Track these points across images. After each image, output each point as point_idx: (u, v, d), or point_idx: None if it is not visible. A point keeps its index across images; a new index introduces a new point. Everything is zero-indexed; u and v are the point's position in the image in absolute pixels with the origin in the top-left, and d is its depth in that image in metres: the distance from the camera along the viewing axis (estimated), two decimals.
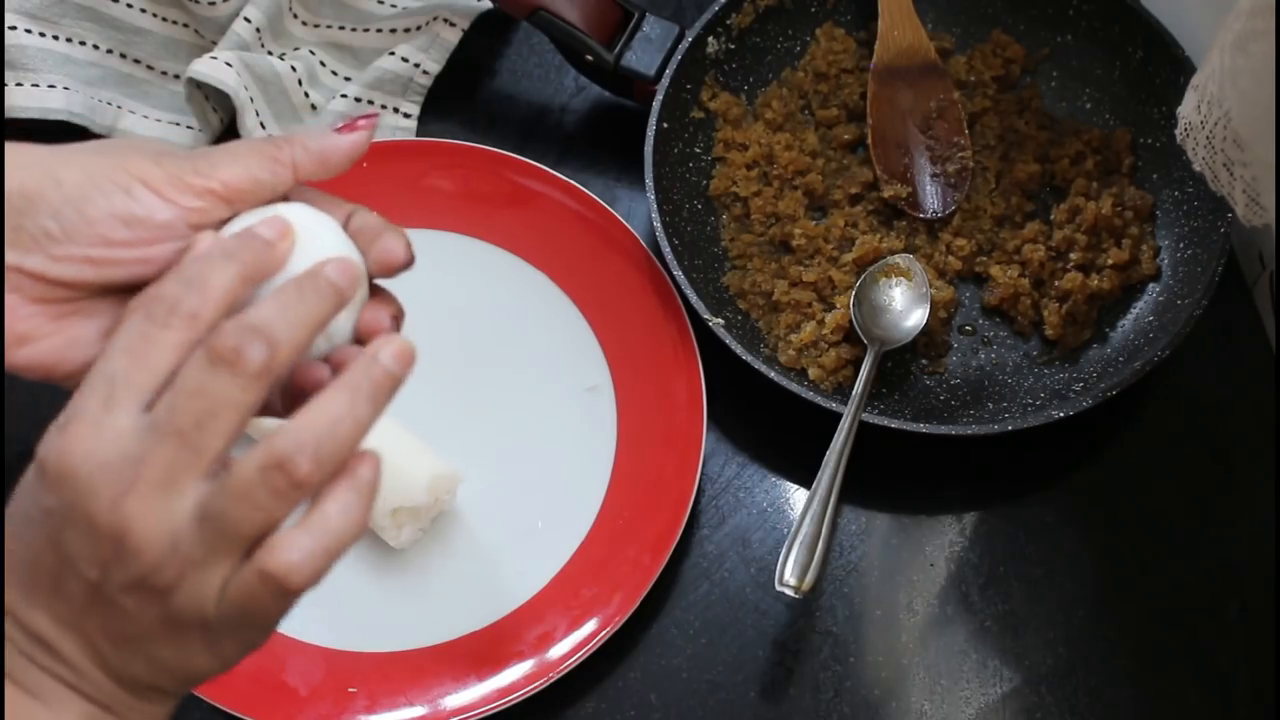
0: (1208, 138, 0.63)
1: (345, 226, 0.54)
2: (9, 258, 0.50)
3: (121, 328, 0.46)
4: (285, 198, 0.54)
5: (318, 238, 0.52)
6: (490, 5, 0.91)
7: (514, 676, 0.72)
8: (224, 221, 0.52)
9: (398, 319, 0.54)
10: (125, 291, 0.52)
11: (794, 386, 0.76)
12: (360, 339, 0.53)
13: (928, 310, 0.80)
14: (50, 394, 0.57)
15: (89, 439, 0.45)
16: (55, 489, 0.45)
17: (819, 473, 0.73)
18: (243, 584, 0.46)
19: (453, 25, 0.91)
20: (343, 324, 0.51)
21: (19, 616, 0.47)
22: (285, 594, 0.46)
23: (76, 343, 0.52)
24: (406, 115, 0.90)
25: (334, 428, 0.46)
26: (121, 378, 0.45)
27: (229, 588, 0.46)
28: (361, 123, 0.55)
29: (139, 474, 0.44)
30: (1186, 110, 0.64)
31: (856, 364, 0.80)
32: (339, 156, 0.54)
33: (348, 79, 0.91)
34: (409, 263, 0.54)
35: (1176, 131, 0.66)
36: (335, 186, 0.91)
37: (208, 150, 0.53)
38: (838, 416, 0.75)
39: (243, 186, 0.52)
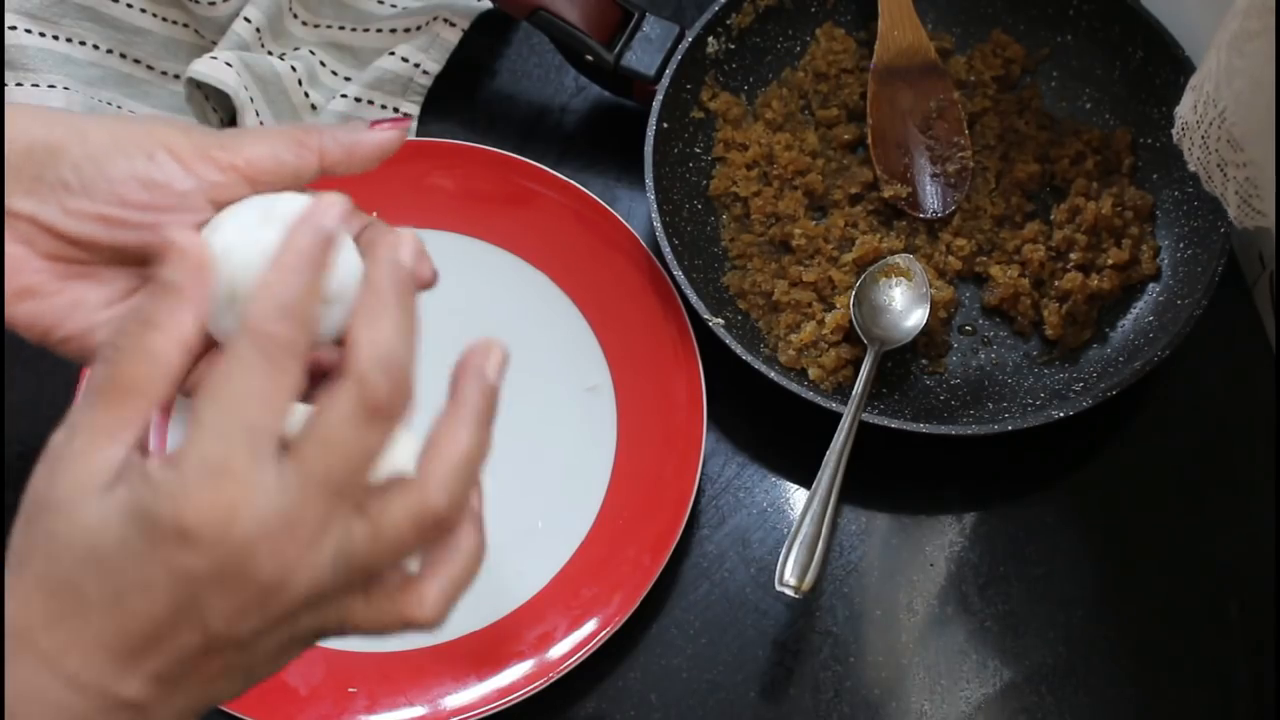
0: (1203, 138, 0.63)
1: (358, 239, 0.53)
2: (26, 207, 0.50)
3: (234, 362, 0.43)
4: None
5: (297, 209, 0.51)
6: (490, 5, 0.91)
7: (514, 676, 0.72)
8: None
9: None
10: (133, 263, 0.52)
11: (794, 386, 0.76)
12: None
13: (928, 310, 0.80)
14: (51, 394, 0.58)
15: (255, 499, 0.42)
16: (208, 552, 0.42)
17: (819, 473, 0.73)
18: (379, 619, 0.46)
19: (453, 25, 0.91)
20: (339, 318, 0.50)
21: (104, 688, 0.43)
22: (416, 630, 0.47)
23: (80, 305, 0.52)
24: (406, 115, 0.90)
25: (470, 468, 0.46)
26: (262, 428, 0.43)
27: (356, 618, 0.46)
28: (392, 123, 0.54)
29: (295, 530, 0.43)
30: (1184, 110, 0.64)
31: (856, 364, 0.80)
32: (367, 151, 0.54)
33: (348, 79, 0.91)
34: (431, 283, 0.54)
35: (1173, 131, 0.66)
36: (335, 185, 0.91)
37: (237, 130, 0.53)
38: (838, 416, 0.75)
39: (266, 166, 0.52)
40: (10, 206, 0.50)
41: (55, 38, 0.88)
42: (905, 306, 0.80)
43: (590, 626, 0.73)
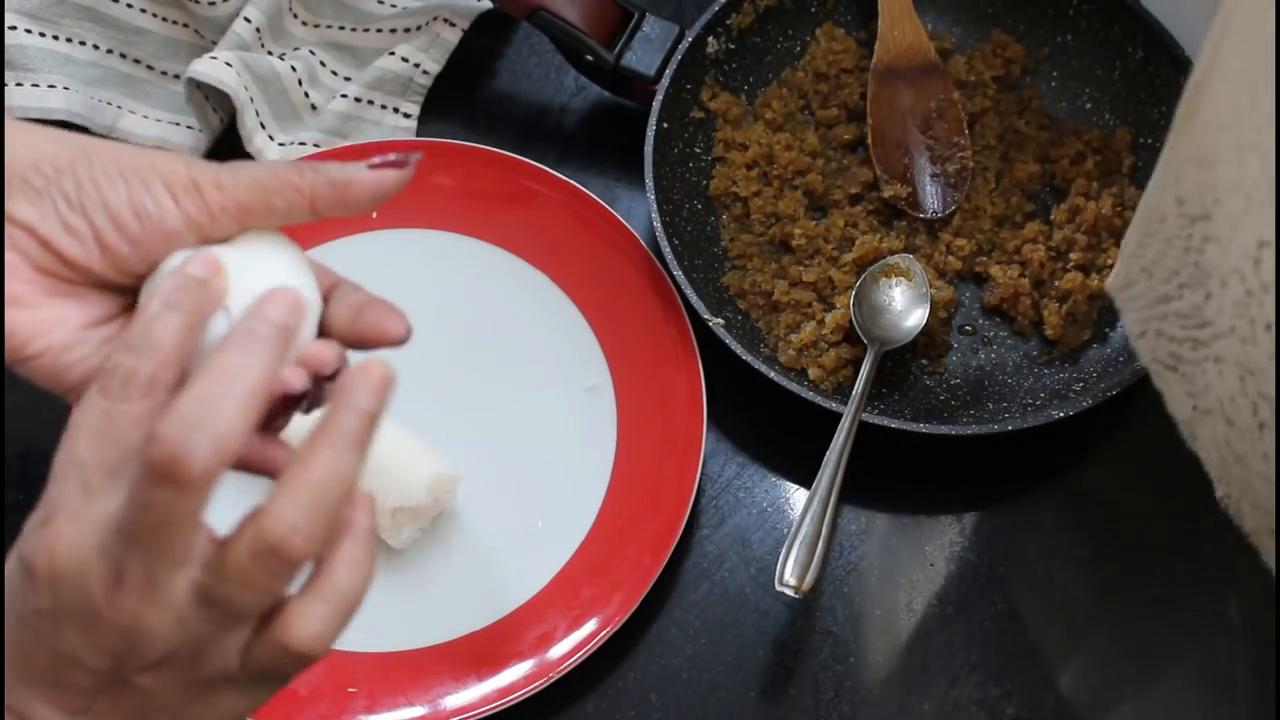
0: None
1: (326, 298, 0.53)
2: (28, 215, 0.50)
3: (81, 405, 0.45)
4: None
5: (264, 266, 0.51)
6: (490, 5, 0.91)
7: (514, 676, 0.72)
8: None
9: (399, 339, 0.53)
10: (121, 292, 0.53)
11: (794, 386, 0.76)
12: (360, 338, 0.53)
13: (928, 310, 0.80)
14: (51, 394, 0.57)
15: (73, 535, 0.44)
16: (48, 589, 0.44)
17: (819, 473, 0.73)
18: (264, 652, 0.46)
19: (453, 25, 0.91)
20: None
21: (26, 714, 0.46)
22: (308, 660, 0.47)
23: (61, 322, 0.52)
24: (406, 115, 0.90)
25: (322, 493, 0.44)
26: (92, 463, 0.44)
27: (251, 652, 0.46)
28: (391, 164, 0.53)
29: (123, 573, 0.44)
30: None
31: (856, 364, 0.80)
32: (361, 194, 0.53)
33: (348, 79, 0.91)
34: (404, 339, 0.53)
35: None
36: None
37: (235, 165, 0.52)
38: (838, 416, 0.75)
39: (255, 210, 0.52)
40: (12, 213, 0.51)
41: (55, 38, 0.88)
42: (905, 306, 0.80)
43: (590, 626, 0.73)
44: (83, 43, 0.89)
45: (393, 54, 0.90)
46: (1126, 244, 0.57)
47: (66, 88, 0.86)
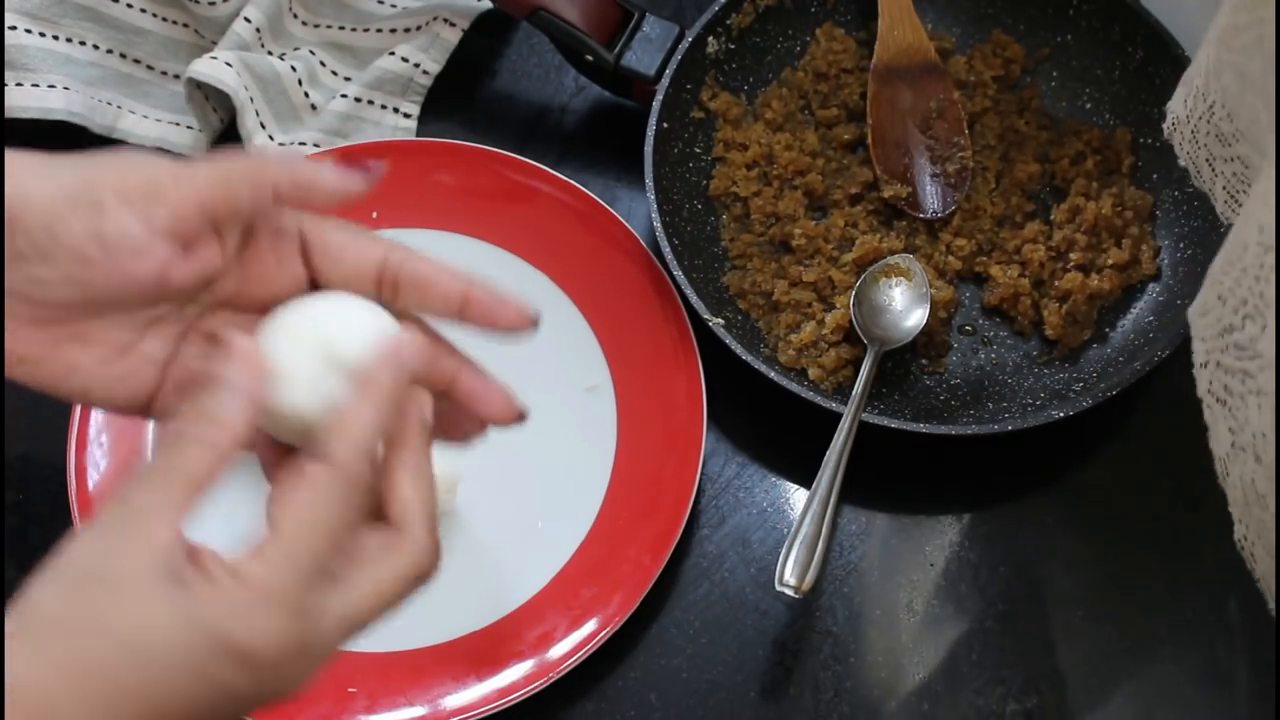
0: (1192, 132, 0.62)
1: (383, 275, 0.54)
2: None
3: (315, 492, 0.47)
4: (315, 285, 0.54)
5: (353, 315, 0.52)
6: (490, 5, 0.91)
7: (514, 676, 0.72)
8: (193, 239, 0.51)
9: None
10: (119, 309, 0.51)
11: (794, 386, 0.76)
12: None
13: (928, 310, 0.80)
14: (50, 395, 0.57)
15: (305, 632, 0.46)
16: (263, 674, 0.45)
17: (819, 473, 0.73)
18: (387, 581, 0.49)
19: (453, 25, 0.91)
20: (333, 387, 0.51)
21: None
22: (428, 572, 0.51)
23: (75, 369, 0.51)
24: (406, 115, 0.90)
25: (369, 431, 0.49)
26: (325, 561, 0.47)
27: (369, 596, 0.48)
28: (360, 165, 0.53)
29: (320, 648, 0.47)
30: (1175, 105, 0.64)
31: (856, 364, 0.80)
32: (325, 187, 0.52)
33: (348, 79, 0.91)
34: (531, 324, 0.56)
35: (1165, 125, 0.66)
36: None
37: (190, 162, 0.51)
38: (838, 416, 0.75)
39: (222, 206, 0.50)
40: None
41: (55, 38, 0.88)
42: (905, 306, 0.80)
43: (590, 626, 0.73)
44: (83, 43, 0.89)
45: (393, 54, 0.90)
46: (1212, 270, 0.58)
47: (66, 88, 0.86)
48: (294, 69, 0.89)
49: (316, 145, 0.88)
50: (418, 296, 0.54)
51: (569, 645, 0.73)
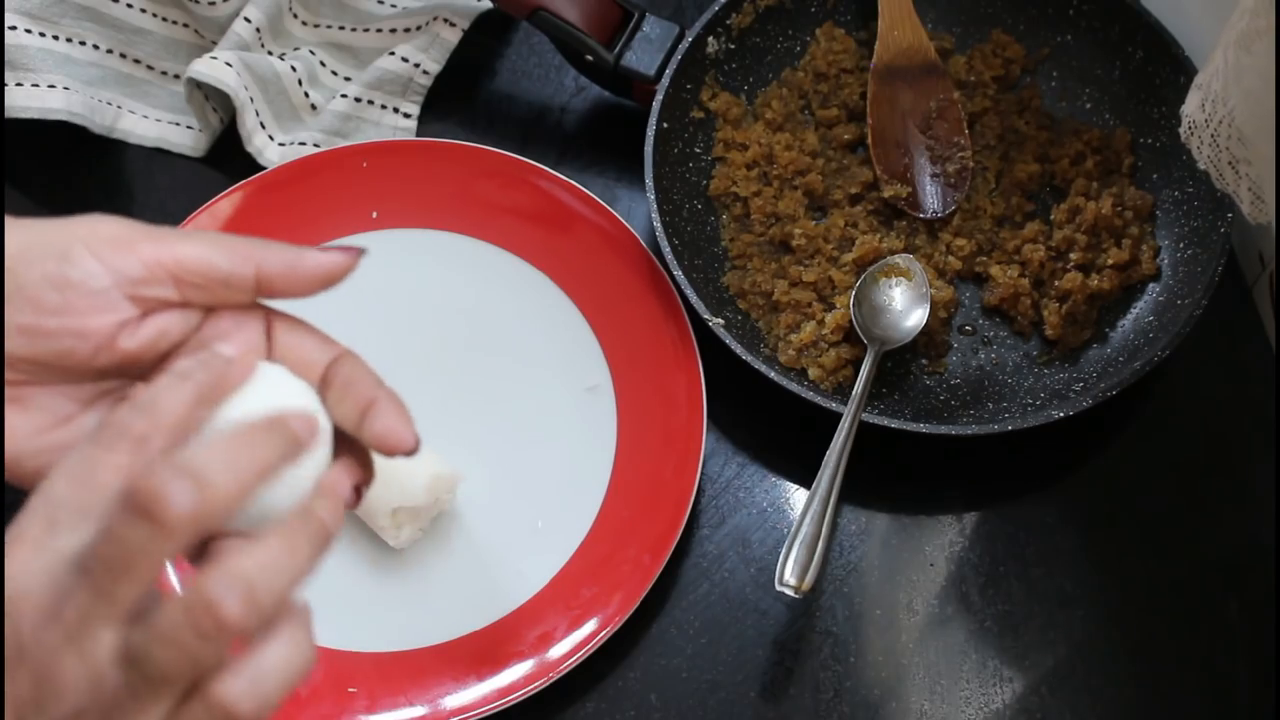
0: (1212, 136, 0.62)
1: (327, 373, 0.50)
2: None
3: (72, 452, 0.43)
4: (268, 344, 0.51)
5: (284, 389, 0.48)
6: (490, 5, 0.91)
7: (514, 676, 0.72)
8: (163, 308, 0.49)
9: (360, 488, 0.50)
10: (58, 380, 0.49)
11: (794, 386, 0.76)
12: None
13: (928, 310, 0.80)
14: None
15: (26, 562, 0.42)
16: None
17: (819, 473, 0.73)
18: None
19: (453, 25, 0.91)
20: (283, 498, 0.47)
21: None
22: None
23: (10, 435, 0.48)
24: (406, 115, 0.90)
25: (274, 570, 0.43)
26: (66, 500, 0.42)
27: None
28: (342, 249, 0.50)
29: (61, 611, 0.41)
30: (1190, 109, 0.64)
31: (856, 364, 0.80)
32: (309, 273, 0.50)
33: (348, 79, 0.91)
34: (413, 450, 0.50)
35: (1180, 130, 0.66)
36: (334, 189, 0.91)
37: (172, 229, 0.49)
38: (838, 416, 0.75)
39: (196, 268, 0.48)
40: None
41: (55, 38, 0.88)
42: (905, 306, 0.80)
43: (590, 626, 0.73)
44: (83, 43, 0.89)
45: (393, 54, 0.90)
46: None
47: (66, 88, 0.86)
48: (294, 69, 0.89)
49: (316, 145, 0.88)
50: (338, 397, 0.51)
51: (569, 645, 0.73)
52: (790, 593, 0.70)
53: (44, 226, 0.48)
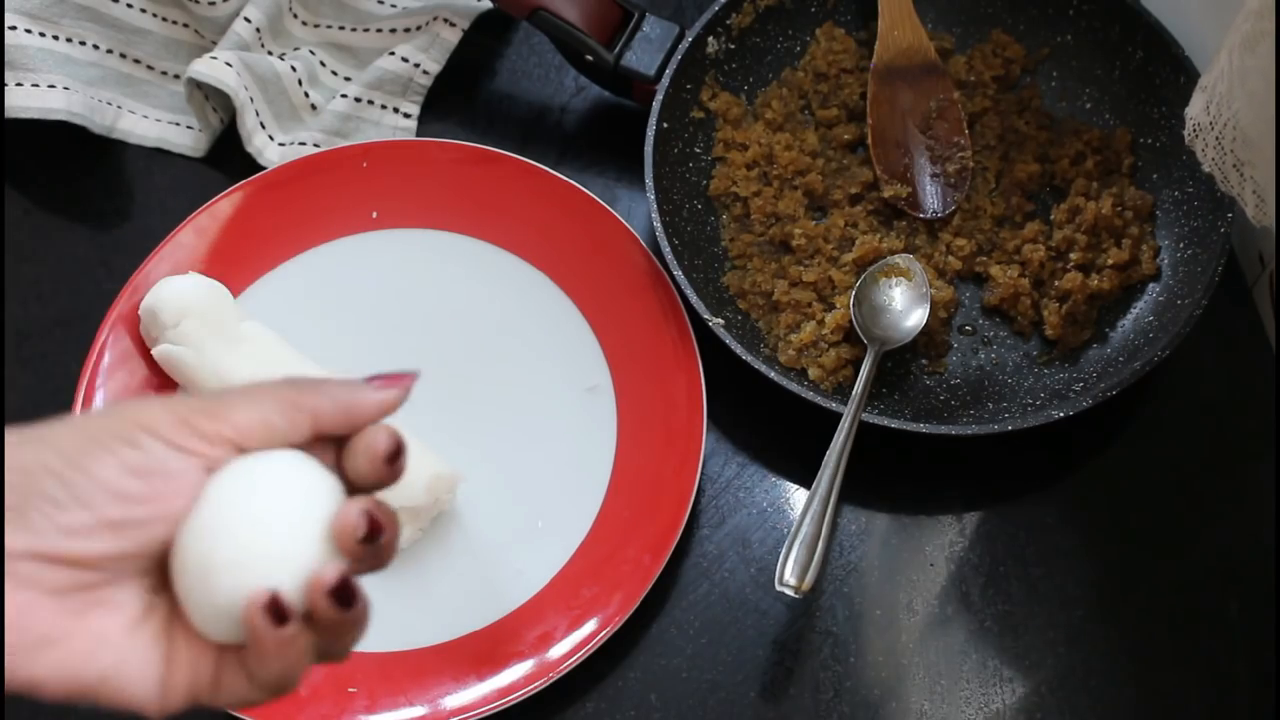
0: (1217, 138, 0.62)
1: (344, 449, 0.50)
2: (21, 542, 0.44)
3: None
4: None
5: (302, 470, 0.48)
6: (490, 5, 0.91)
7: (514, 676, 0.72)
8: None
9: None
10: (145, 573, 0.47)
11: (794, 386, 0.76)
12: None
13: (928, 310, 0.80)
14: (50, 396, 0.57)
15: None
16: None
17: (819, 473, 0.73)
18: None
19: (453, 25, 0.91)
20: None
21: None
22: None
23: (103, 640, 0.45)
24: (406, 115, 0.90)
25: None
26: None
27: None
28: (396, 380, 0.50)
29: None
30: (1195, 111, 0.64)
31: (856, 364, 0.80)
32: (367, 411, 0.49)
33: (348, 79, 0.91)
34: (395, 455, 0.50)
35: (1185, 132, 0.66)
36: (334, 189, 0.91)
37: (224, 391, 0.48)
38: (838, 416, 0.75)
39: (255, 432, 0.47)
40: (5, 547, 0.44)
41: (55, 38, 0.88)
42: (905, 306, 0.80)
43: (590, 626, 0.73)
44: (83, 43, 0.89)
45: (393, 54, 0.90)
46: None
47: (66, 88, 0.86)
48: (294, 69, 0.89)
49: (316, 145, 0.88)
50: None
51: (569, 645, 0.73)
52: (790, 593, 0.70)
53: (97, 420, 0.47)
